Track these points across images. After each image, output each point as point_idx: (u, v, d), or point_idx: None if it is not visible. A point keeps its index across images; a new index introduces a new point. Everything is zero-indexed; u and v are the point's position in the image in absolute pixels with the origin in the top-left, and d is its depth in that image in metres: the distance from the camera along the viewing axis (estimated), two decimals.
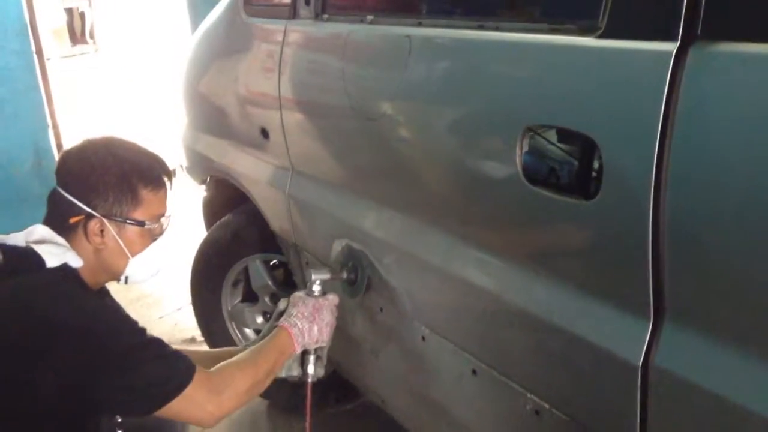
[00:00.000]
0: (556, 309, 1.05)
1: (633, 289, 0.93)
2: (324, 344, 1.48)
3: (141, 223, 1.29)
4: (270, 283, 2.16)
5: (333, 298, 1.49)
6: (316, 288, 1.48)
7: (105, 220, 1.26)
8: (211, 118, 2.21)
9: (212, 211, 2.41)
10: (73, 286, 1.23)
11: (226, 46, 2.06)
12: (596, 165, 0.94)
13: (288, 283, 2.13)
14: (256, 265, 2.17)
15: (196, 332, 2.57)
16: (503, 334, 1.19)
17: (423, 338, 1.40)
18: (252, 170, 1.97)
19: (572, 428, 1.08)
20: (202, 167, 2.34)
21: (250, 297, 2.26)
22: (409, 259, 1.39)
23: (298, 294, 1.50)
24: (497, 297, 1.16)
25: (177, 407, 1.20)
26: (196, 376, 1.21)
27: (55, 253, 1.22)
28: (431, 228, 1.32)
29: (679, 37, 0.83)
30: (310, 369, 1.49)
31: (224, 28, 2.05)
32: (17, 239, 1.24)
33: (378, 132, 1.39)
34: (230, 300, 2.27)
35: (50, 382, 1.14)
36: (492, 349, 1.23)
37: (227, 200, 2.28)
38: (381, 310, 1.53)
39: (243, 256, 2.18)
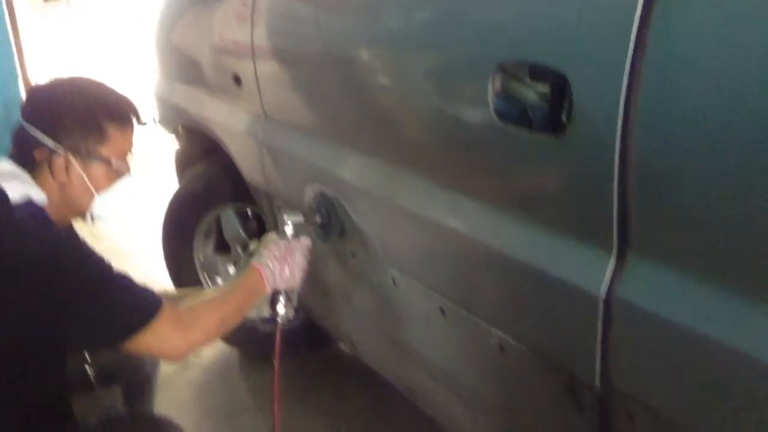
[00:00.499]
0: (524, 245, 1.06)
1: (599, 224, 0.95)
2: (295, 286, 1.48)
3: (107, 160, 1.28)
4: (242, 232, 2.16)
5: (305, 241, 1.50)
6: (289, 230, 1.49)
7: (70, 156, 1.25)
8: (185, 67, 2.17)
9: (184, 162, 2.39)
10: (38, 220, 1.21)
11: None
12: (567, 100, 0.95)
13: (260, 233, 2.12)
14: (228, 215, 2.17)
15: (170, 286, 2.57)
16: (471, 272, 1.21)
17: (393, 281, 1.41)
18: (225, 119, 1.95)
19: (534, 361, 1.10)
20: (175, 117, 2.30)
21: (222, 247, 2.26)
22: (380, 202, 1.39)
23: (271, 235, 1.50)
24: (466, 236, 1.17)
25: (143, 341, 1.19)
26: (163, 311, 1.21)
27: (19, 187, 1.20)
28: (403, 171, 1.32)
29: None
30: (280, 310, 1.48)
31: None
32: None
33: (351, 77, 1.38)
34: (202, 250, 2.27)
35: (17, 315, 1.13)
36: (460, 288, 1.24)
37: (199, 150, 2.26)
38: (353, 255, 1.54)
39: (215, 206, 2.18)
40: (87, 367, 1.46)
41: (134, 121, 1.34)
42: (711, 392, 0.87)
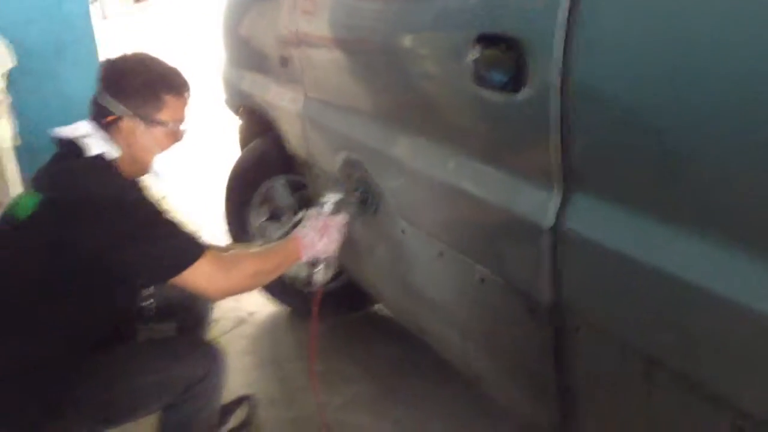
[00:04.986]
0: (492, 188, 1.27)
1: (547, 166, 1.14)
2: (329, 257, 1.71)
3: (164, 124, 1.54)
4: (291, 202, 2.42)
5: (342, 218, 1.70)
6: (328, 207, 1.70)
7: (137, 120, 1.51)
8: (244, 54, 2.47)
9: (245, 138, 2.69)
10: (110, 171, 1.50)
11: None
12: (522, 63, 1.15)
13: (308, 202, 2.38)
14: (279, 186, 2.44)
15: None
16: (459, 216, 1.42)
17: (403, 231, 1.63)
18: (274, 98, 2.22)
19: (505, 289, 1.30)
20: (237, 98, 2.61)
21: (274, 215, 2.53)
22: (390, 161, 1.61)
23: (313, 210, 1.71)
24: (453, 185, 1.38)
25: (189, 277, 1.44)
26: (208, 254, 1.46)
27: (96, 145, 1.48)
28: (409, 134, 1.54)
29: None
30: (316, 275, 1.74)
31: None
32: (66, 132, 1.50)
33: (365, 58, 1.62)
34: (257, 218, 2.55)
35: (86, 245, 1.38)
36: (453, 232, 1.46)
37: (256, 128, 2.54)
38: (375, 211, 1.76)
39: (268, 178, 2.45)
40: (151, 301, 1.75)
41: (187, 93, 1.60)
42: (640, 308, 1.04)
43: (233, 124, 2.85)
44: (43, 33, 3.82)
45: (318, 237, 1.65)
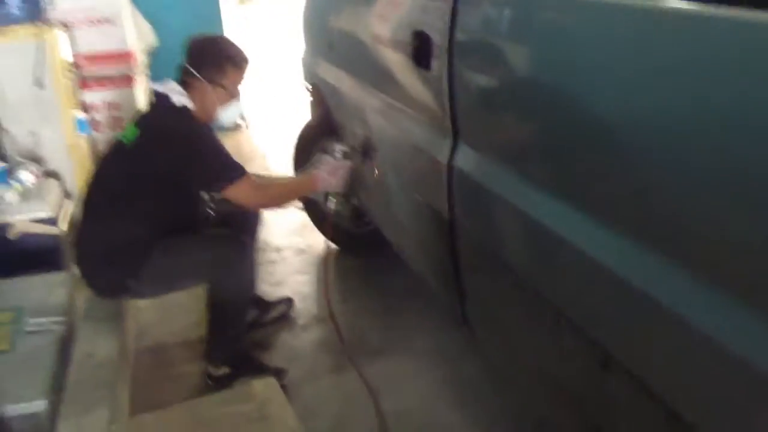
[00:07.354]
0: (422, 136, 1.84)
1: (445, 120, 1.69)
2: (337, 190, 2.39)
3: (225, 87, 2.24)
4: None
5: (347, 163, 2.37)
6: (338, 155, 2.39)
7: (205, 82, 2.22)
8: (313, 42, 3.13)
9: (312, 109, 3.36)
10: (187, 115, 2.21)
11: None
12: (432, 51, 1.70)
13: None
14: (330, 143, 3.08)
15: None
16: (406, 158, 1.99)
17: (383, 172, 2.23)
18: (327, 75, 2.87)
19: (429, 209, 1.86)
20: (309, 77, 3.28)
21: None
22: (375, 121, 2.21)
23: (327, 156, 2.40)
24: (399, 134, 1.97)
25: (232, 191, 2.14)
26: (247, 176, 2.15)
27: (180, 98, 2.20)
28: (382, 98, 2.13)
29: None
30: (328, 204, 2.44)
31: None
32: (159, 87, 2.23)
33: (359, 44, 2.21)
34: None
35: (167, 164, 2.09)
36: (403, 170, 2.04)
37: (319, 101, 3.20)
38: (372, 159, 2.36)
39: (323, 138, 3.11)
40: (209, 210, 2.46)
41: (244, 65, 2.28)
42: (496, 220, 1.56)
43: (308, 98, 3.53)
44: (178, 18, 4.70)
45: (328, 175, 2.30)
